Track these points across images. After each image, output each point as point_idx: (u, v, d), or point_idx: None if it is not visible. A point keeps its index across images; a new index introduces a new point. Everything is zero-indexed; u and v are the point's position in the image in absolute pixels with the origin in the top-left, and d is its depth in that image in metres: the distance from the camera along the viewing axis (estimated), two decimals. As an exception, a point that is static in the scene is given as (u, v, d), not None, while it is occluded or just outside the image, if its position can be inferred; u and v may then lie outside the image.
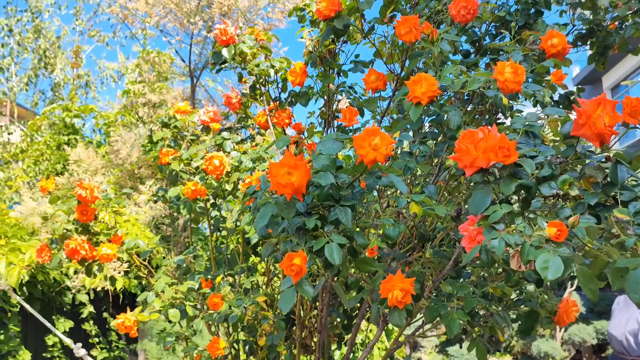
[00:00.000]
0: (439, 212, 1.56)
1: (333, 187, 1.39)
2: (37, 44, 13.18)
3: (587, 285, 1.06)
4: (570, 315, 1.98)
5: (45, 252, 2.62)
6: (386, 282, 1.55)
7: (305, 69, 2.36)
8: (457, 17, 1.92)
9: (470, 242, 1.25)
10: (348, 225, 1.37)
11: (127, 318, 2.57)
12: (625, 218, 1.05)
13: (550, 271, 1.01)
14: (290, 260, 1.33)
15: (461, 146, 1.23)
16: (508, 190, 1.15)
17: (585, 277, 1.06)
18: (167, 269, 2.83)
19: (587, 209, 1.14)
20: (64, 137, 7.52)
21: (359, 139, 1.37)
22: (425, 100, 1.60)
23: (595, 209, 1.15)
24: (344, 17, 2.06)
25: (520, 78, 1.48)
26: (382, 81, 2.17)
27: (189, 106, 3.21)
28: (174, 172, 2.92)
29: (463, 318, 1.60)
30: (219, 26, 2.45)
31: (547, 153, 1.18)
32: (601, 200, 1.16)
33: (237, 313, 2.44)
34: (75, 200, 2.60)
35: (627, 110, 1.12)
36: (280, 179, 1.30)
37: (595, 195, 1.14)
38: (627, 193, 1.12)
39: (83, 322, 5.13)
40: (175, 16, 6.72)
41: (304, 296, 1.37)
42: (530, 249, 1.07)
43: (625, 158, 1.15)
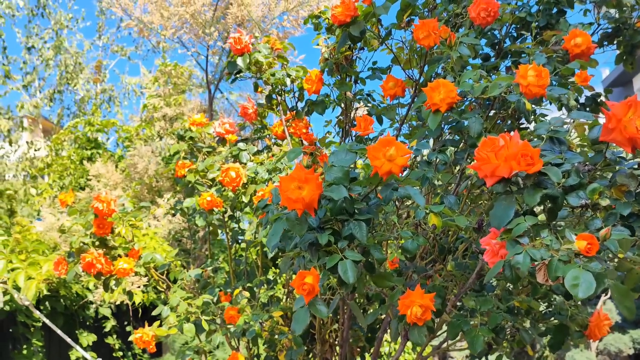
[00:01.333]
0: (460, 223, 1.48)
1: (347, 201, 1.33)
2: (58, 59, 13.38)
3: (622, 303, 0.98)
4: (602, 330, 1.88)
5: (62, 266, 2.61)
6: (405, 298, 1.47)
7: (321, 77, 2.30)
8: (477, 20, 1.84)
9: (492, 257, 1.17)
10: (363, 240, 1.30)
11: (145, 333, 2.53)
12: (661, 230, 0.97)
13: (581, 289, 0.92)
14: (302, 279, 1.27)
15: (481, 154, 1.15)
16: (533, 201, 1.07)
17: (620, 293, 0.98)
18: (185, 282, 2.79)
19: (620, 219, 1.06)
20: (87, 152, 7.58)
21: (373, 149, 1.31)
22: (444, 107, 1.53)
23: (628, 220, 1.06)
24: (360, 23, 2.00)
25: (544, 81, 1.40)
26: (400, 88, 2.11)
27: (205, 118, 3.18)
28: (190, 184, 2.88)
29: (487, 334, 1.52)
30: (233, 35, 2.41)
31: (574, 160, 1.10)
32: (634, 210, 1.07)
33: (255, 328, 2.39)
34: (93, 214, 2.58)
35: (661, 112, 1.03)
36: (290, 193, 1.24)
37: (628, 205, 1.05)
38: (662, 203, 1.04)
39: (106, 335, 5.12)
40: (191, 27, 6.74)
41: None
42: (559, 264, 0.99)
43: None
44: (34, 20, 13.74)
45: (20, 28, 13.74)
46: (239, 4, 6.39)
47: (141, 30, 7.26)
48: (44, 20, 14.01)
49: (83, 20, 14.70)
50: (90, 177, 6.66)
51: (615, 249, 0.96)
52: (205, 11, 6.75)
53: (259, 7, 6.64)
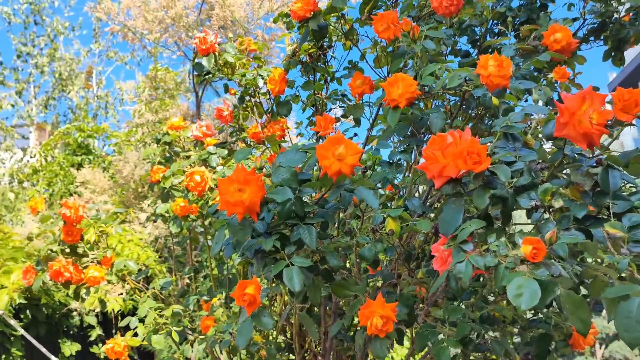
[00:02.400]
0: (423, 228, 1.39)
1: (296, 204, 1.24)
2: (52, 66, 13.36)
3: (575, 314, 0.88)
4: (587, 339, 1.79)
5: (30, 274, 2.52)
6: (364, 309, 1.37)
7: (284, 76, 2.21)
8: (440, 10, 1.74)
9: (442, 265, 1.08)
10: (312, 246, 1.21)
11: (116, 343, 2.45)
12: (618, 234, 0.87)
13: (524, 299, 0.83)
14: (242, 290, 1.17)
15: (428, 153, 1.06)
16: (482, 203, 0.98)
17: (574, 304, 0.89)
18: (157, 291, 2.70)
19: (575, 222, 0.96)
20: (78, 158, 7.50)
21: (322, 148, 1.22)
22: (403, 102, 1.44)
23: (584, 223, 0.97)
24: (319, 18, 1.91)
25: (505, 72, 1.31)
26: (368, 85, 2.01)
27: (183, 121, 3.10)
28: (164, 189, 2.80)
29: (454, 346, 1.42)
30: (198, 35, 2.33)
31: (528, 158, 1.00)
32: (591, 212, 0.98)
33: (228, 338, 2.30)
34: (61, 221, 2.50)
35: (619, 104, 0.94)
36: (229, 196, 1.15)
37: (583, 207, 0.95)
38: (621, 203, 0.94)
39: (92, 344, 5.03)
40: (175, 31, 6.64)
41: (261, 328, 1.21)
42: (505, 272, 0.90)
43: (619, 161, 0.97)
44: (30, 28, 13.70)
45: (16, 35, 13.68)
46: (221, 6, 6.30)
47: (125, 34, 7.18)
48: (40, 27, 13.96)
49: (80, 28, 14.67)
50: (78, 183, 6.58)
51: (564, 253, 0.87)
52: (188, 14, 6.66)
53: (241, 8, 6.55)
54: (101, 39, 14.71)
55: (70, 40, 14.10)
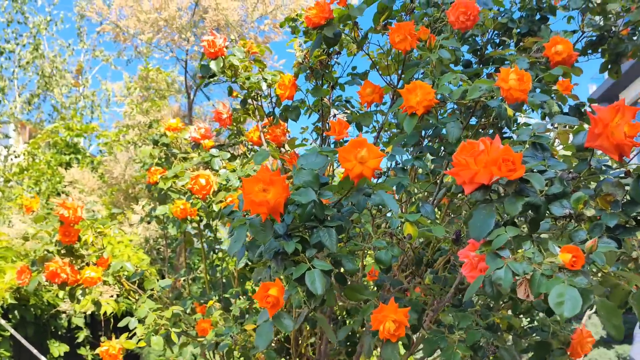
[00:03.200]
0: (437, 233, 1.40)
1: (316, 206, 1.24)
2: (36, 64, 13.21)
3: (610, 321, 0.90)
4: (585, 347, 1.81)
5: (25, 275, 2.48)
6: (377, 313, 1.38)
7: (294, 82, 2.22)
8: (457, 24, 1.77)
9: (471, 271, 1.09)
10: (332, 249, 1.21)
11: (111, 346, 2.42)
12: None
13: (567, 307, 0.84)
14: (265, 291, 1.17)
15: (459, 159, 1.07)
16: (514, 210, 0.99)
17: (608, 310, 0.90)
18: (155, 292, 2.68)
19: (605, 231, 0.98)
20: (66, 157, 7.41)
21: (344, 151, 1.22)
22: (420, 110, 1.46)
23: (614, 232, 0.99)
24: (335, 25, 1.92)
25: (526, 86, 1.33)
26: (378, 94, 2.03)
27: (181, 123, 3.08)
28: (162, 191, 2.78)
29: (465, 352, 1.43)
30: (206, 38, 2.32)
31: (558, 167, 1.02)
32: (621, 222, 1.00)
33: (227, 341, 2.29)
34: (58, 221, 2.46)
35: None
36: (254, 196, 1.15)
37: (614, 216, 0.97)
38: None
39: (79, 346, 4.96)
40: (168, 32, 6.61)
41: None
42: (542, 279, 0.91)
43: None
44: (13, 25, 13.54)
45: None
46: (215, 9, 6.29)
47: (118, 34, 7.13)
48: (23, 26, 13.80)
49: (62, 23, 14.50)
50: (66, 183, 6.50)
51: (602, 262, 0.89)
52: (182, 15, 6.63)
53: (235, 11, 6.53)
54: (86, 38, 14.59)
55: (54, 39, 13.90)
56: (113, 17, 6.93)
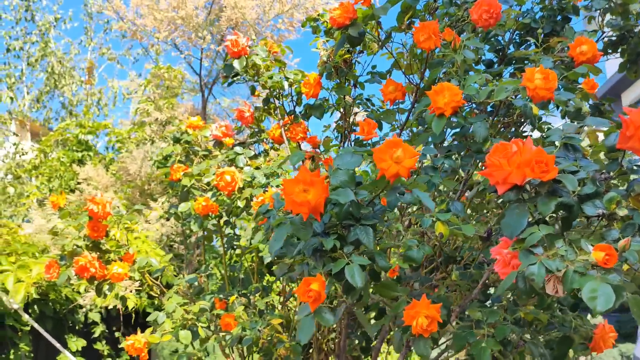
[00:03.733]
0: (467, 232, 1.44)
1: (353, 205, 1.29)
2: (45, 63, 13.30)
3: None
4: (607, 342, 1.84)
5: (53, 269, 2.54)
6: (410, 309, 1.42)
7: (319, 80, 2.26)
8: (479, 22, 1.80)
9: (504, 267, 1.13)
10: (370, 245, 1.26)
11: (137, 340, 2.47)
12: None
13: (600, 302, 0.88)
14: (307, 286, 1.22)
15: (493, 161, 1.11)
16: (547, 209, 1.03)
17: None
18: (179, 288, 2.73)
19: (638, 230, 1.02)
20: (78, 154, 7.49)
21: (380, 151, 1.27)
22: (448, 111, 1.50)
23: (645, 231, 1.03)
24: (359, 25, 1.96)
25: (551, 85, 1.37)
26: (400, 92, 2.07)
27: (201, 121, 3.13)
28: (185, 188, 2.84)
29: (494, 347, 1.48)
30: (230, 37, 2.37)
31: (590, 168, 1.06)
32: (652, 221, 1.04)
33: (251, 336, 2.34)
34: (87, 216, 2.52)
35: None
36: (295, 197, 1.20)
37: (647, 216, 1.02)
38: (683, 212, 1.00)
39: (95, 341, 5.04)
40: (184, 31, 6.68)
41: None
42: (574, 276, 0.95)
43: (679, 173, 1.03)
44: (21, 23, 13.63)
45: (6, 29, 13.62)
46: (233, 7, 6.34)
47: (134, 32, 7.19)
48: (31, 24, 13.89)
49: (71, 21, 14.59)
50: (80, 180, 6.58)
51: (635, 260, 0.93)
52: (198, 14, 6.69)
53: (253, 10, 6.59)
54: (93, 36, 14.66)
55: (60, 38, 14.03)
56: (130, 15, 6.99)
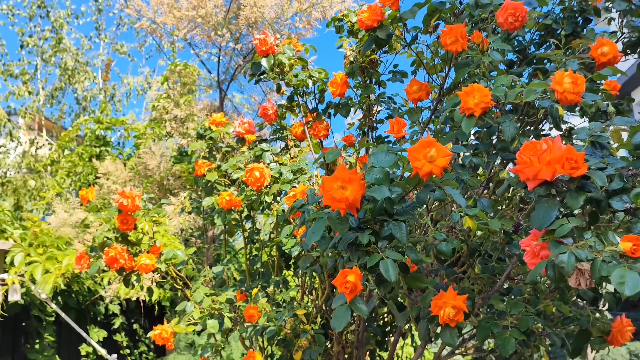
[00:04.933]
0: (494, 226, 1.50)
1: (387, 201, 1.35)
2: (58, 59, 13.43)
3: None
4: (625, 335, 1.89)
5: (84, 260, 2.62)
6: (437, 299, 1.49)
7: (346, 80, 2.33)
8: (505, 25, 1.86)
9: (532, 258, 1.20)
10: (403, 240, 1.33)
11: (164, 329, 2.55)
12: None
13: (628, 286, 0.95)
14: (344, 277, 1.29)
15: (523, 158, 1.18)
16: (576, 204, 1.10)
17: (664, 296, 1.00)
18: (203, 280, 2.81)
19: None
20: (96, 149, 7.62)
21: (414, 150, 1.33)
22: (478, 111, 1.56)
23: (671, 225, 1.09)
24: (387, 27, 2.02)
25: (580, 88, 1.43)
26: (425, 91, 2.13)
27: (224, 117, 3.20)
28: (209, 183, 2.91)
29: (519, 337, 1.54)
30: (258, 36, 2.44)
31: (618, 165, 1.13)
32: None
33: (274, 327, 2.41)
34: (116, 209, 2.60)
35: None
36: (334, 193, 1.27)
37: (672, 210, 1.08)
38: None
39: (114, 332, 5.15)
40: (203, 29, 6.75)
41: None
42: (603, 265, 1.02)
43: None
44: (35, 20, 13.79)
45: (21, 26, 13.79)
46: (252, 6, 6.42)
47: (154, 30, 7.28)
48: (45, 20, 14.06)
49: (83, 16, 14.73)
50: (99, 174, 6.69)
51: (661, 250, 0.99)
52: (217, 12, 6.77)
53: (271, 9, 6.66)
54: (104, 30, 14.80)
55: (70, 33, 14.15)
56: (150, 13, 7.08)
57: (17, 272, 3.69)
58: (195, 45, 7.46)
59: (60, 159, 7.78)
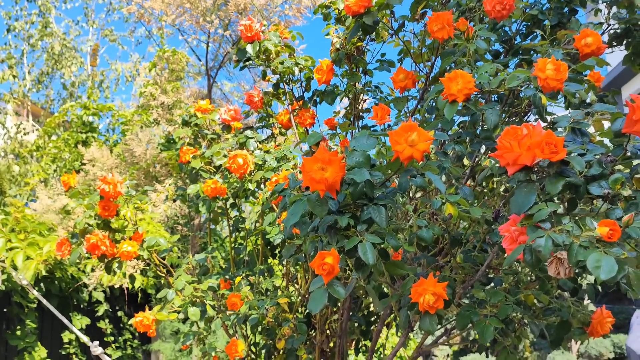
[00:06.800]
0: (475, 214, 1.50)
1: (367, 185, 1.34)
2: (46, 44, 13.28)
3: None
4: (604, 327, 1.90)
5: (65, 247, 2.59)
6: (417, 286, 1.49)
7: (332, 67, 2.31)
8: (492, 13, 1.85)
9: (511, 244, 1.19)
10: (382, 224, 1.32)
11: (145, 317, 2.53)
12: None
13: (603, 270, 0.95)
14: (322, 259, 1.28)
15: (503, 143, 1.17)
16: (555, 189, 1.09)
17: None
18: (187, 267, 2.80)
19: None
20: (82, 135, 7.54)
21: (396, 134, 1.32)
22: (461, 97, 1.55)
23: (648, 210, 1.09)
24: (374, 14, 2.01)
25: (562, 76, 1.42)
26: (411, 80, 2.12)
27: (210, 104, 3.18)
28: (194, 170, 2.89)
29: (497, 325, 1.54)
30: (244, 22, 2.42)
31: (597, 151, 1.13)
32: (655, 201, 1.10)
33: (257, 315, 2.40)
34: (98, 195, 2.57)
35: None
36: (314, 174, 1.25)
37: (649, 196, 1.08)
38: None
39: (98, 320, 5.12)
40: (192, 15, 6.69)
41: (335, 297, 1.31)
42: (579, 250, 1.01)
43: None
44: (21, 3, 13.59)
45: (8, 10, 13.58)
46: (243, -7, 6.38)
47: (141, 15, 7.21)
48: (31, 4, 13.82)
49: (71, 0, 14.53)
50: (85, 161, 6.63)
51: (638, 235, 0.99)
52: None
53: (261, -4, 6.64)
54: (93, 17, 14.62)
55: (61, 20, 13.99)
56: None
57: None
58: (184, 31, 7.41)
59: (45, 145, 7.71)
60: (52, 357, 4.46)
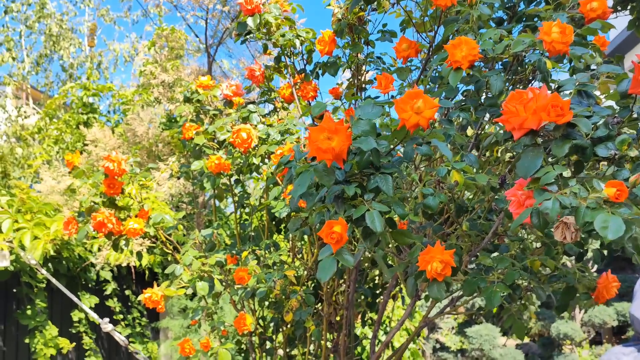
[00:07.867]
0: (481, 181, 1.50)
1: (374, 154, 1.34)
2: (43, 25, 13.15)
3: (648, 251, 1.00)
4: (610, 291, 1.91)
5: (72, 225, 2.61)
6: (425, 254, 1.49)
7: (334, 38, 2.29)
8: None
9: (518, 208, 1.20)
10: (389, 193, 1.32)
11: (154, 293, 2.56)
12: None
13: (611, 230, 0.95)
14: (330, 228, 1.29)
15: (509, 107, 1.17)
16: (561, 151, 1.09)
17: (648, 243, 1.01)
18: (193, 243, 2.81)
19: (647, 170, 1.08)
20: (83, 116, 7.53)
21: (401, 102, 1.32)
22: (465, 64, 1.54)
23: (657, 171, 1.09)
24: (376, -18, 1.99)
25: (568, 38, 1.41)
26: (414, 49, 2.11)
27: (211, 80, 3.16)
28: (197, 146, 2.89)
29: (504, 291, 1.55)
30: (244, -6, 2.39)
31: (603, 113, 1.12)
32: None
33: (264, 288, 2.42)
34: (102, 174, 2.58)
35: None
36: (320, 143, 1.25)
37: (656, 156, 1.08)
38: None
39: (107, 299, 5.17)
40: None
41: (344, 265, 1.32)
42: (587, 211, 1.02)
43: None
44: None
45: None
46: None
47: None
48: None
49: None
50: (87, 142, 6.63)
51: (644, 195, 0.99)
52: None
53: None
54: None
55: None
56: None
57: (5, 239, 3.68)
58: (182, 8, 7.34)
59: (47, 127, 7.70)
60: (62, 335, 4.51)
